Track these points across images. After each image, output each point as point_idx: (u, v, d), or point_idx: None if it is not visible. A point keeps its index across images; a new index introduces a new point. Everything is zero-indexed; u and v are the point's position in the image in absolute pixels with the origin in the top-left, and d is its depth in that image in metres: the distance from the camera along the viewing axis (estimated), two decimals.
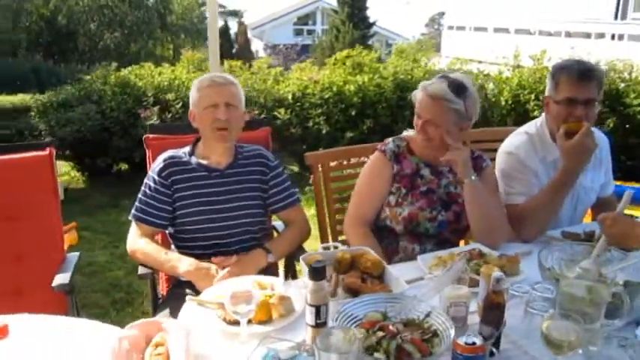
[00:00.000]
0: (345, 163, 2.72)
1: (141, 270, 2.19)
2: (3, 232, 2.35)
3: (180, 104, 5.77)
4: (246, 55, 21.52)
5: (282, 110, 5.63)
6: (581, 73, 2.15)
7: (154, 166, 2.27)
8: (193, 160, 2.27)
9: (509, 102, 5.58)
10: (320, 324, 1.43)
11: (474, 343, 1.28)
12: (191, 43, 21.82)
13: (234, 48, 23.56)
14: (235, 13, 33.12)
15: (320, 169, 2.60)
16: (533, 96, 5.46)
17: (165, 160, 2.26)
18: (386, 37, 28.34)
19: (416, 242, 2.24)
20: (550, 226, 2.23)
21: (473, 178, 2.11)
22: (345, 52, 6.52)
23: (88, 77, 6.54)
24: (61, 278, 2.12)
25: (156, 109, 5.64)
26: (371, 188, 2.27)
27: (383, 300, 1.53)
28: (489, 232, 2.13)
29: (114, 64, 6.44)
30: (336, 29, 22.19)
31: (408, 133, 2.38)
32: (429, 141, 2.17)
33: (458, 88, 2.13)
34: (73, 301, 2.20)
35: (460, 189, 2.24)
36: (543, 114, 2.38)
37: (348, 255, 1.90)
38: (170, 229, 2.31)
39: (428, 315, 1.46)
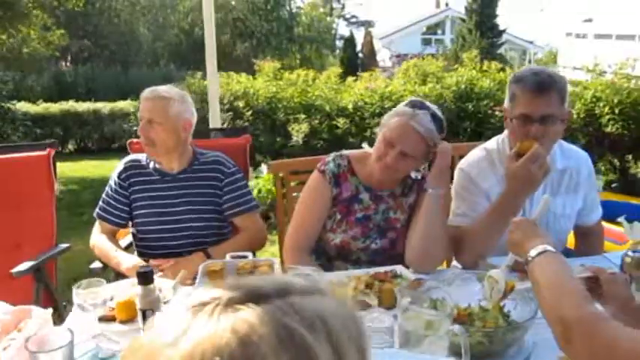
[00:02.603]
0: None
1: (94, 264, 2.36)
2: (5, 220, 2.66)
3: (250, 112, 6.02)
4: (371, 64, 21.77)
5: (341, 120, 5.64)
6: (536, 85, 1.90)
7: (116, 169, 2.44)
8: (151, 164, 2.40)
9: (582, 115, 5.08)
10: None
11: None
12: (317, 53, 22.54)
13: (360, 58, 23.89)
14: (368, 23, 33.64)
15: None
16: (607, 109, 4.92)
17: (125, 163, 2.43)
18: (521, 47, 27.05)
19: (350, 263, 2.16)
20: (493, 252, 2.02)
21: (439, 191, 1.99)
22: (412, 61, 6.36)
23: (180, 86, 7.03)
24: (23, 266, 2.34)
25: (226, 115, 5.93)
26: (310, 212, 2.17)
27: None
28: (423, 254, 2.00)
29: (199, 73, 6.86)
30: (462, 38, 21.63)
31: (366, 148, 2.27)
32: (395, 171, 2.03)
33: (440, 125, 2.02)
34: (38, 289, 2.41)
35: (400, 213, 2.13)
36: (506, 129, 2.18)
37: (249, 265, 1.91)
38: (132, 230, 2.46)
39: None
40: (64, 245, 2.69)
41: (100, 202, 2.43)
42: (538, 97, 1.90)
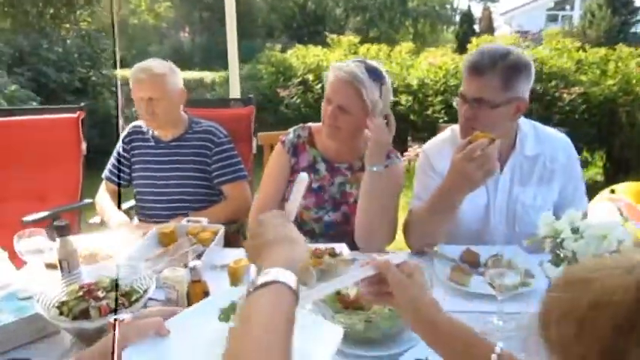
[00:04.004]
0: None
1: (93, 219, 2.58)
2: (35, 175, 2.97)
3: (319, 85, 6.07)
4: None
5: (404, 96, 5.49)
6: (472, 66, 1.80)
7: (123, 133, 2.62)
8: (150, 131, 2.55)
9: None
10: (65, 276, 1.61)
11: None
12: (431, 28, 21.92)
13: (477, 33, 22.88)
14: None
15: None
16: None
17: (130, 129, 2.60)
18: None
19: (307, 236, 2.17)
20: (441, 240, 1.92)
21: (375, 169, 1.95)
22: (483, 37, 5.99)
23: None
24: (34, 215, 2.60)
25: (296, 89, 6.03)
26: (271, 182, 2.22)
27: (122, 267, 1.62)
28: (367, 231, 1.97)
29: (278, 45, 7.01)
30: (590, 14, 19.96)
31: None
32: (337, 130, 2.03)
33: (375, 74, 1.99)
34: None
35: (355, 188, 2.10)
36: None
37: (197, 229, 2.01)
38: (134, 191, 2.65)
39: (145, 291, 1.51)
40: (87, 201, 2.94)
41: (108, 164, 2.63)
42: (472, 79, 1.81)
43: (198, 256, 1.81)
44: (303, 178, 1.17)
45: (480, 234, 2.04)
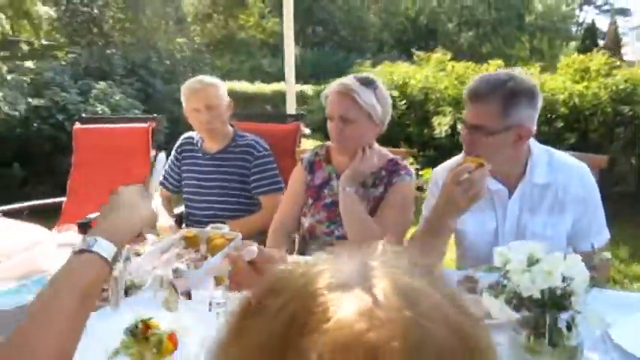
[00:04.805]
0: None
1: None
2: (110, 178, 3.31)
3: (403, 102, 6.10)
4: (613, 57, 19.53)
5: None
6: (470, 92, 1.80)
7: (177, 143, 2.87)
8: (199, 143, 2.77)
9: None
10: None
11: None
12: (550, 44, 20.95)
13: (600, 48, 21.53)
14: (623, 12, 29.95)
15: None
16: None
17: (182, 139, 2.84)
18: None
19: (320, 250, 2.25)
20: (438, 262, 1.92)
21: (347, 189, 2.05)
22: (573, 57, 5.65)
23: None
24: (93, 214, 2.90)
25: None
26: (289, 197, 2.34)
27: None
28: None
29: (368, 62, 7.11)
30: None
31: None
32: (346, 142, 2.11)
33: (366, 80, 2.09)
34: None
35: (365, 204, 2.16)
36: None
37: (217, 235, 2.15)
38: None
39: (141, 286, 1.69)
40: None
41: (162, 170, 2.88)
42: (471, 105, 1.81)
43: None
44: (161, 158, 1.28)
45: (489, 259, 2.01)
